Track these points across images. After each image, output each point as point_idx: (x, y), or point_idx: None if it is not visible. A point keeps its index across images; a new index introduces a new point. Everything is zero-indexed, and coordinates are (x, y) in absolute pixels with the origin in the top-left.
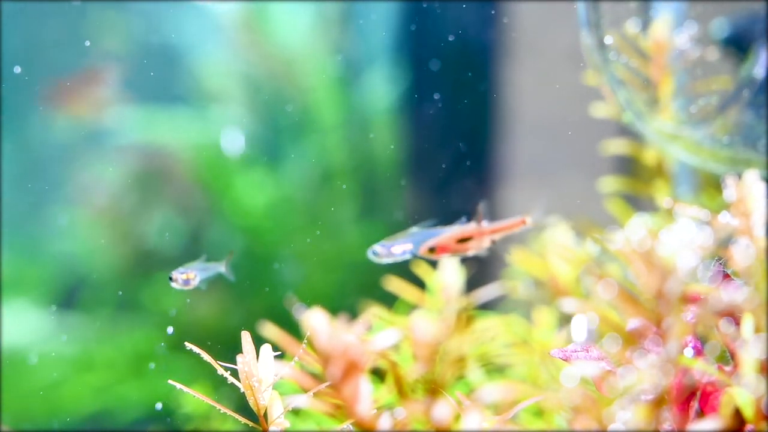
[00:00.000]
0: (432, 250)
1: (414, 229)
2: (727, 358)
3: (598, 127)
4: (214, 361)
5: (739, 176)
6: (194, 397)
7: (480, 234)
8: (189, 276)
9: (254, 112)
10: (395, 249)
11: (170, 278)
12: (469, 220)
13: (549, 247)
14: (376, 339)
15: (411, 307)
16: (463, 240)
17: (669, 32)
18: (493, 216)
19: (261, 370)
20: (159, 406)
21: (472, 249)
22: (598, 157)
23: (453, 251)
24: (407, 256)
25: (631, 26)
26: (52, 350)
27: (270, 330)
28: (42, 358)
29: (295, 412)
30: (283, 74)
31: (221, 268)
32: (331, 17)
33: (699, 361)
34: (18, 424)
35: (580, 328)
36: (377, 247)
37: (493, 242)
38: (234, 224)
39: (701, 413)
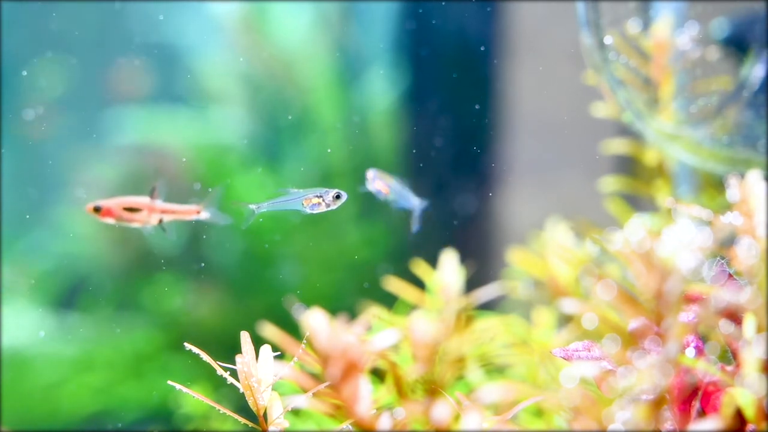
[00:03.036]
0: (97, 209)
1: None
2: (729, 357)
3: (598, 127)
4: (213, 361)
5: (742, 176)
6: (194, 398)
7: (150, 209)
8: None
9: (254, 112)
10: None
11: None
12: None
13: (549, 248)
14: (376, 339)
15: (411, 308)
16: (132, 210)
17: (670, 33)
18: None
19: (260, 371)
20: None
21: (140, 222)
22: (598, 157)
23: (118, 218)
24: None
25: (631, 26)
26: (52, 350)
27: (269, 330)
28: (42, 358)
29: (295, 413)
30: (283, 74)
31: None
32: (331, 17)
33: (700, 360)
34: (18, 424)
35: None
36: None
37: (161, 222)
38: (234, 224)
39: (703, 413)
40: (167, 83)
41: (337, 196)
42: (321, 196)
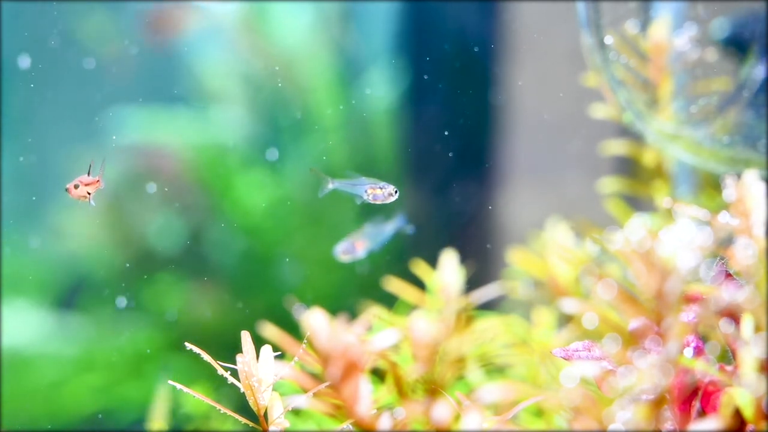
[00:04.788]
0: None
1: (367, 227)
2: (729, 357)
3: (598, 127)
4: (214, 361)
5: (739, 176)
6: (194, 397)
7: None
8: None
9: (254, 112)
10: (358, 247)
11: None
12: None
13: (549, 248)
14: (376, 339)
15: (411, 308)
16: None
17: (669, 33)
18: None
19: (261, 371)
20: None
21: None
22: (598, 157)
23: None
24: (363, 255)
25: (631, 26)
26: (52, 350)
27: (270, 330)
28: (42, 358)
29: (295, 412)
30: (283, 74)
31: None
32: (331, 17)
33: (700, 360)
34: (18, 424)
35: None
36: (339, 247)
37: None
38: (234, 224)
39: (703, 413)
40: (167, 83)
41: (393, 192)
42: (383, 189)
